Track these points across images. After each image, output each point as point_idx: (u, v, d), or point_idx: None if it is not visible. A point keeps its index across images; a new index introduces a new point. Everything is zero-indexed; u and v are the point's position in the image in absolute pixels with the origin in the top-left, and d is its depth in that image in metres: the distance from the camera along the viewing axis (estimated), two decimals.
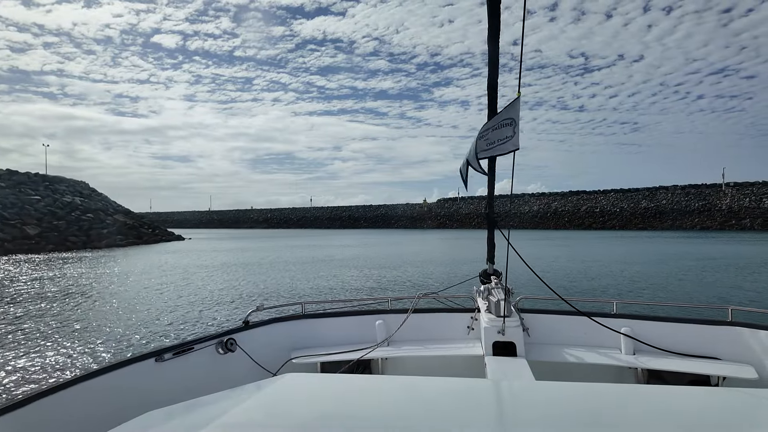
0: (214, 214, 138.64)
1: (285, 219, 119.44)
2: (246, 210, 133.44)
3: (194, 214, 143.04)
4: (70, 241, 36.32)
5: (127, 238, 41.47)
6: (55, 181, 45.57)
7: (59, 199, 41.57)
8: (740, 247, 31.64)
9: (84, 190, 47.61)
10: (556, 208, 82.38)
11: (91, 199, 46.32)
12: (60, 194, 42.83)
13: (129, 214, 49.51)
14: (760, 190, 64.92)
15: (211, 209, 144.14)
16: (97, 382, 2.22)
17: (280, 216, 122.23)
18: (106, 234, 40.12)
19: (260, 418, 1.32)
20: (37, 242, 34.07)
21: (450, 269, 18.90)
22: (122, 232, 42.08)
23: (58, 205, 40.40)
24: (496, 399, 1.50)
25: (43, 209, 38.28)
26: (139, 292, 14.13)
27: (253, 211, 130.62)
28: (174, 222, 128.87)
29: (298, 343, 3.39)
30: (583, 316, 3.15)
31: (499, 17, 2.73)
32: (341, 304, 3.92)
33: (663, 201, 73.03)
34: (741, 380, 2.68)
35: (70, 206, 41.31)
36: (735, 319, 3.00)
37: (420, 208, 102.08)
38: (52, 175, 46.57)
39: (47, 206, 39.10)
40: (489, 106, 3.05)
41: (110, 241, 39.28)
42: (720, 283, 14.72)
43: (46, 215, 37.75)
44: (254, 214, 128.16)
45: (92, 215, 41.93)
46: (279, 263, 22.84)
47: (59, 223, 37.71)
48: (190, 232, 79.39)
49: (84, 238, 37.88)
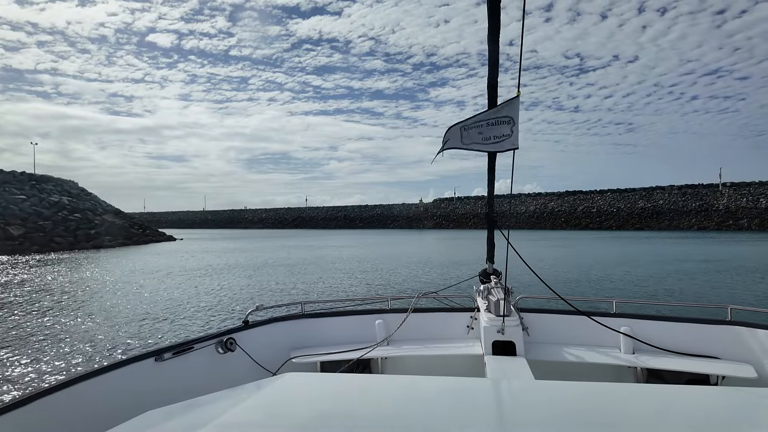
0: (209, 214, 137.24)
1: (280, 219, 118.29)
2: (240, 210, 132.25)
3: (188, 214, 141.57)
4: (56, 242, 35.32)
5: (115, 239, 40.49)
6: (42, 180, 44.48)
7: (46, 198, 40.53)
8: (740, 247, 31.14)
9: (72, 190, 46.54)
10: (553, 208, 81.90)
11: (79, 198, 45.26)
12: (47, 194, 41.77)
13: (119, 214, 48.49)
14: (757, 190, 64.59)
15: (206, 209, 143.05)
16: (97, 381, 2.22)
17: (275, 216, 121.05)
18: (93, 234, 39.13)
19: (260, 417, 1.32)
20: (21, 243, 33.05)
21: (447, 271, 18.16)
22: (111, 233, 41.07)
23: (45, 204, 39.38)
24: (495, 398, 1.50)
25: (29, 209, 37.24)
26: (108, 298, 13.29)
27: (248, 211, 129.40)
28: (168, 222, 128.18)
29: (297, 342, 3.37)
30: (583, 316, 3.14)
31: (499, 17, 2.72)
32: (341, 303, 3.92)
33: (660, 201, 72.60)
34: (740, 379, 2.69)
35: (57, 206, 40.27)
36: (734, 319, 3.00)
37: (416, 208, 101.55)
38: (39, 174, 45.47)
39: (33, 206, 38.07)
40: (489, 105, 3.00)
41: (98, 242, 38.29)
42: (721, 283, 14.21)
43: (32, 215, 36.73)
44: (249, 214, 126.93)
45: (80, 215, 40.90)
46: (268, 265, 22.03)
47: (45, 223, 36.70)
48: (184, 232, 79.18)
49: (71, 238, 36.88)
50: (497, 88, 3.00)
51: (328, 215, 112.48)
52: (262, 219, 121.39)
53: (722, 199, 66.49)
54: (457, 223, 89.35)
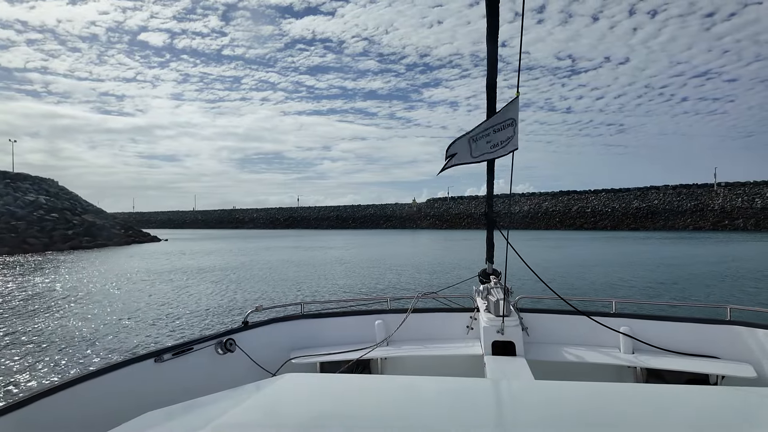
0: (199, 214, 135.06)
1: (271, 219, 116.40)
2: (231, 210, 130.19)
3: (178, 214, 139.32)
4: (29, 243, 33.60)
5: (95, 240, 38.81)
6: (18, 178, 42.70)
7: (21, 197, 38.79)
8: (739, 247, 30.22)
9: (51, 189, 44.76)
10: (547, 208, 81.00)
11: (58, 198, 43.49)
12: (22, 192, 40.02)
13: (100, 214, 46.79)
14: (752, 190, 63.97)
15: (196, 209, 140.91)
16: (97, 382, 2.22)
17: (266, 216, 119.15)
18: (71, 235, 37.44)
19: (260, 418, 1.32)
20: None
21: (444, 275, 16.89)
22: (90, 233, 39.39)
23: (19, 204, 37.64)
24: (495, 399, 1.51)
25: (1, 208, 35.51)
26: (42, 311, 11.85)
27: (238, 211, 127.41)
28: (158, 222, 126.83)
29: (297, 343, 3.37)
30: (583, 316, 3.16)
31: (497, 17, 2.72)
32: (341, 304, 3.97)
33: (655, 201, 71.83)
34: (740, 379, 2.69)
35: (33, 205, 38.54)
36: (734, 318, 3.01)
37: (409, 208, 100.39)
38: (15, 173, 43.69)
39: (6, 205, 36.34)
40: (488, 105, 3.03)
41: (74, 243, 36.60)
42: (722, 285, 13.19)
43: (4, 215, 34.99)
44: (239, 214, 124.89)
45: (57, 215, 39.16)
46: (248, 268, 20.62)
47: (18, 223, 34.97)
48: (174, 232, 78.01)
49: (46, 239, 35.18)
50: (496, 87, 2.98)
51: (320, 215, 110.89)
52: (253, 219, 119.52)
53: (717, 199, 65.84)
54: (450, 223, 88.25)
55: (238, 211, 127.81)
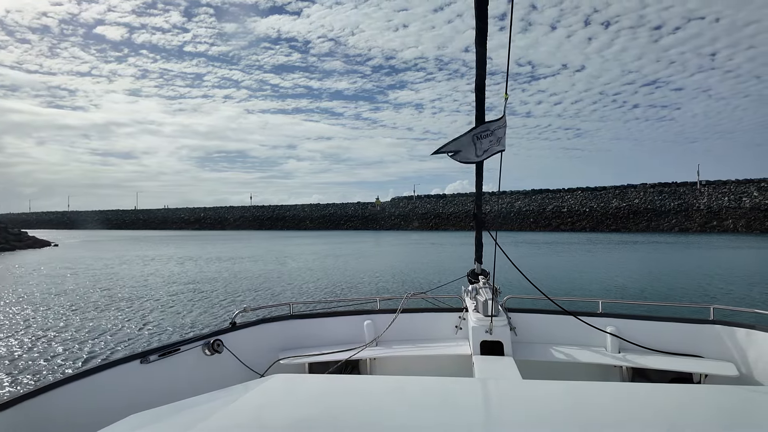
0: (141, 213, 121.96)
1: (221, 219, 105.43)
2: (171, 209, 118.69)
3: (117, 213, 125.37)
4: None
5: None
6: None
7: None
8: (736, 254, 23.76)
9: None
10: (520, 207, 74.59)
11: None
12: None
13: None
14: (737, 189, 59.31)
15: (138, 208, 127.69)
16: (82, 384, 2.19)
17: (192, 216, 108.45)
18: None
19: (247, 419, 1.30)
20: None
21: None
22: None
23: None
24: (483, 398, 1.52)
25: None
26: None
27: (181, 210, 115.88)
28: (95, 222, 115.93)
29: (286, 343, 3.38)
30: (570, 316, 3.23)
31: (486, 20, 2.77)
32: (329, 304, 3.87)
33: (635, 200, 66.33)
34: (722, 377, 2.77)
35: None
36: (717, 318, 3.09)
37: (372, 208, 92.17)
38: None
39: None
40: (477, 106, 3.12)
41: None
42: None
43: None
44: (185, 213, 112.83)
45: None
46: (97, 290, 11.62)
47: None
48: (105, 233, 71.83)
49: None
50: (485, 89, 3.08)
51: (274, 215, 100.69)
52: (185, 219, 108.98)
53: (702, 198, 60.85)
54: (418, 224, 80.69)
55: (177, 210, 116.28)
